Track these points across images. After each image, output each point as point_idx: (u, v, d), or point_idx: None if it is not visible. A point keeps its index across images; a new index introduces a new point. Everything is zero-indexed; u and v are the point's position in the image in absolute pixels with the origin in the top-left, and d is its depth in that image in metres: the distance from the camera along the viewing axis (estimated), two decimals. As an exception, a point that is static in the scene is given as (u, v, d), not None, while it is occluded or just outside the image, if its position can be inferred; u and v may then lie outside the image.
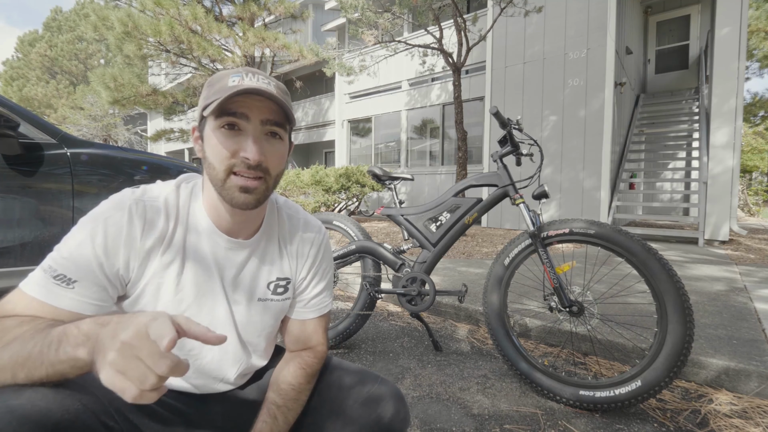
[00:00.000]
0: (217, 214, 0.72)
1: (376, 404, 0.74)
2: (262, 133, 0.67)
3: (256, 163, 0.65)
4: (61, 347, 0.49)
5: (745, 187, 13.69)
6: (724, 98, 5.20)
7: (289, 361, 0.81)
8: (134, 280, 0.67)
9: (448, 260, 3.92)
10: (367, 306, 1.91)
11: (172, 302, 0.69)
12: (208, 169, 0.67)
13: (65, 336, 0.50)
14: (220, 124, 0.65)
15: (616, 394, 1.33)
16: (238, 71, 0.67)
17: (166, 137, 11.19)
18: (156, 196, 0.70)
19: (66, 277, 0.60)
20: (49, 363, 0.49)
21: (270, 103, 0.66)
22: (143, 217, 0.66)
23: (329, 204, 7.18)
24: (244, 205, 0.67)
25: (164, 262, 0.68)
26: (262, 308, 0.79)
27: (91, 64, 25.73)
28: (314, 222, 0.86)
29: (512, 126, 1.61)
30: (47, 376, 0.50)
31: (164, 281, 0.68)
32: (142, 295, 0.68)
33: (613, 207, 5.84)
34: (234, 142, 0.65)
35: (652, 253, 1.32)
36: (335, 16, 11.17)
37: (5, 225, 1.66)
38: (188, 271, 0.70)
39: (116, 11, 8.25)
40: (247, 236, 0.76)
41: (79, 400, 0.53)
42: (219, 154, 0.65)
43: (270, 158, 0.67)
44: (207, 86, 0.69)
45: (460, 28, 5.56)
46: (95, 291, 0.62)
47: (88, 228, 0.63)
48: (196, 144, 0.72)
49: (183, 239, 0.70)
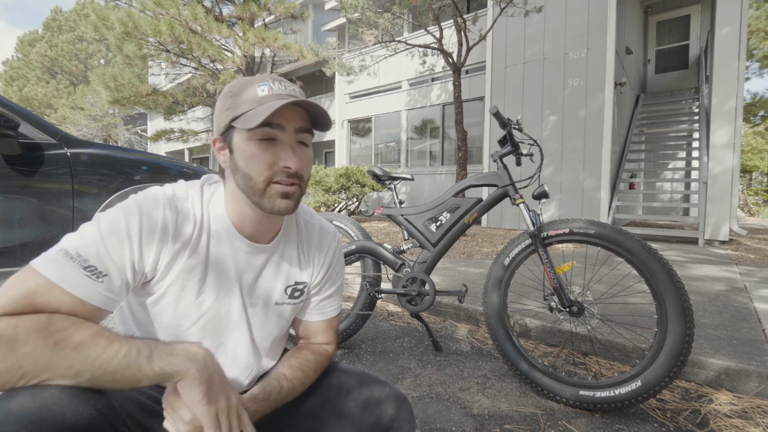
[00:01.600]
0: (241, 219, 0.72)
1: (378, 408, 0.73)
2: (296, 141, 0.68)
3: (296, 171, 0.66)
4: (155, 356, 0.56)
5: (745, 187, 13.70)
6: (724, 98, 5.20)
7: (301, 348, 0.84)
8: (158, 278, 0.66)
9: (448, 260, 3.92)
10: (367, 306, 1.91)
11: (193, 304, 0.69)
12: (243, 180, 0.67)
13: (156, 347, 0.57)
14: (255, 135, 0.65)
15: (616, 394, 1.33)
16: (263, 79, 0.67)
17: (166, 137, 11.19)
18: (184, 197, 0.70)
19: (97, 269, 0.58)
20: (136, 368, 0.54)
21: (301, 110, 0.67)
22: (176, 219, 0.66)
23: (329, 204, 7.18)
24: (286, 211, 0.68)
25: (190, 264, 0.68)
26: (278, 312, 0.80)
27: (91, 64, 25.73)
28: (329, 227, 0.88)
29: (512, 126, 1.61)
30: (121, 380, 0.54)
31: (187, 284, 0.68)
32: (165, 295, 0.68)
33: (613, 207, 5.84)
34: (272, 153, 0.66)
35: (652, 253, 1.32)
36: (335, 16, 11.17)
37: (5, 225, 1.66)
38: (210, 275, 0.70)
39: (116, 11, 8.26)
40: (267, 241, 0.77)
41: (93, 405, 0.53)
42: (258, 166, 0.65)
43: (304, 165, 0.69)
44: (229, 96, 0.68)
45: (460, 28, 5.56)
46: (118, 286, 0.61)
47: (123, 221, 0.61)
48: (220, 154, 0.71)
49: (207, 243, 0.70)
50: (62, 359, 0.51)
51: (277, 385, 0.73)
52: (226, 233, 0.72)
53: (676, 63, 8.47)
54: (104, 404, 0.55)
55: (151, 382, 0.56)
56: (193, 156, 18.31)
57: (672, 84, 8.46)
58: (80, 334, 0.54)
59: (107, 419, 0.54)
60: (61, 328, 0.53)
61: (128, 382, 0.55)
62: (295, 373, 0.76)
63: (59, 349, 0.52)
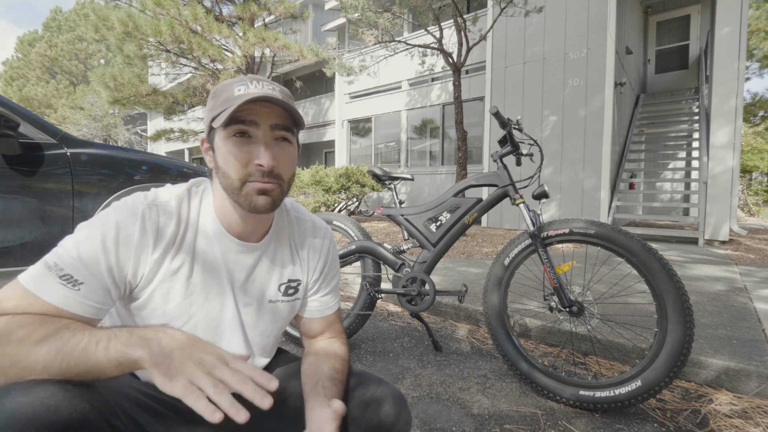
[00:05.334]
0: (228, 219, 0.72)
1: (378, 407, 0.73)
2: (272, 138, 0.68)
3: (269, 169, 0.66)
4: (111, 346, 0.54)
5: (745, 187, 13.70)
6: (724, 98, 5.20)
7: (330, 338, 0.86)
8: (143, 285, 0.67)
9: (448, 260, 3.92)
10: (367, 306, 1.91)
11: (181, 305, 0.69)
12: (223, 178, 0.68)
13: (114, 336, 0.55)
14: (230, 133, 0.66)
15: (616, 394, 1.33)
16: (242, 80, 0.67)
17: (166, 137, 11.19)
18: (167, 200, 0.70)
19: (72, 278, 0.59)
20: (95, 360, 0.53)
21: (277, 108, 0.67)
22: (156, 223, 0.66)
23: (329, 204, 7.18)
24: (263, 208, 0.68)
25: (174, 266, 0.68)
26: (272, 310, 0.80)
27: (91, 64, 25.73)
28: (321, 224, 0.88)
29: (512, 126, 1.61)
30: (86, 372, 0.53)
31: (174, 285, 0.68)
32: (151, 299, 0.68)
33: (613, 207, 5.84)
34: (246, 151, 0.66)
35: (652, 253, 1.32)
36: (335, 16, 11.16)
37: (5, 225, 1.66)
38: (197, 275, 0.70)
39: (116, 11, 8.26)
40: (257, 239, 0.77)
41: (86, 399, 0.53)
42: (233, 164, 0.66)
43: (281, 163, 0.69)
44: (212, 97, 0.69)
45: (460, 28, 5.56)
46: (99, 294, 0.62)
47: (98, 231, 0.62)
48: (207, 155, 0.72)
49: (193, 243, 0.70)
50: (28, 354, 0.52)
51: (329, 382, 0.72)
52: (214, 233, 0.72)
53: (676, 63, 8.47)
54: (97, 399, 0.55)
55: (115, 371, 0.54)
56: (193, 156, 18.31)
57: (672, 84, 8.46)
58: (45, 329, 0.54)
59: (100, 413, 0.55)
60: (24, 325, 0.54)
61: (92, 374, 0.54)
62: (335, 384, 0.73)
63: (23, 345, 0.53)
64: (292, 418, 0.74)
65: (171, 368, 0.54)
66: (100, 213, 0.65)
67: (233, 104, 0.63)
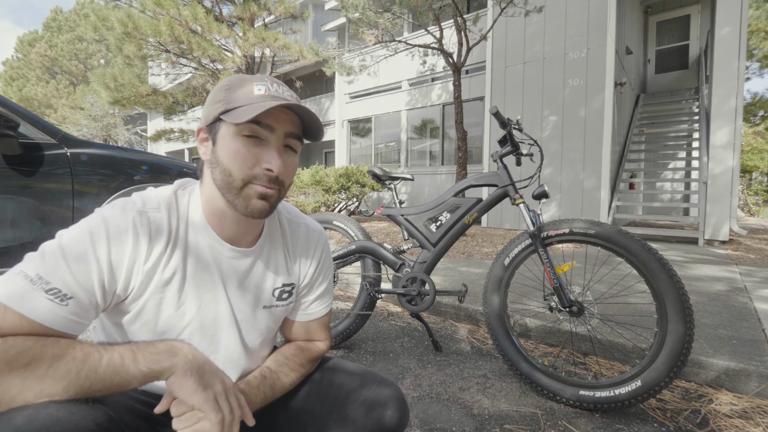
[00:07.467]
0: (219, 221, 0.69)
1: (376, 405, 0.74)
2: (282, 145, 0.67)
3: (277, 176, 0.65)
4: (140, 358, 0.57)
5: (745, 187, 13.69)
6: (724, 98, 5.20)
7: (288, 344, 0.85)
8: (133, 297, 0.63)
9: (448, 260, 3.92)
10: (367, 306, 1.91)
11: (174, 316, 0.66)
12: (222, 175, 0.65)
13: (138, 349, 0.59)
14: (241, 131, 0.63)
15: (616, 394, 1.33)
16: (261, 79, 0.66)
17: (166, 137, 11.19)
18: (156, 207, 0.66)
19: (61, 292, 0.54)
20: (125, 372, 0.55)
21: (294, 116, 0.67)
22: (148, 232, 0.63)
23: (329, 204, 7.18)
24: (260, 213, 0.66)
25: (166, 276, 0.65)
26: (267, 315, 0.78)
27: (91, 64, 25.73)
28: (315, 226, 0.86)
29: (512, 126, 1.61)
30: (110, 387, 0.55)
31: (165, 296, 0.65)
32: (142, 312, 0.65)
33: (613, 207, 5.84)
34: (255, 153, 0.64)
35: (652, 253, 1.32)
36: (335, 16, 11.17)
37: (5, 225, 1.66)
38: (190, 285, 0.68)
39: (116, 11, 8.26)
40: (249, 244, 0.74)
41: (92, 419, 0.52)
42: (239, 163, 0.64)
43: (287, 171, 0.68)
44: (225, 89, 0.66)
45: (460, 28, 5.56)
46: (86, 309, 0.58)
47: (88, 241, 0.58)
48: (202, 145, 0.69)
49: (184, 252, 0.67)
50: (39, 379, 0.50)
51: (258, 375, 0.74)
52: (205, 239, 0.69)
53: (676, 63, 8.47)
54: (103, 417, 0.54)
55: (140, 383, 0.56)
56: (193, 156, 18.30)
57: (672, 84, 8.46)
58: (51, 350, 0.52)
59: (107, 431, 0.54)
60: (27, 349, 0.51)
61: (117, 387, 0.55)
62: (280, 367, 0.77)
63: (31, 371, 0.50)
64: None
65: (204, 379, 0.59)
66: (83, 222, 0.60)
67: (255, 103, 0.62)
